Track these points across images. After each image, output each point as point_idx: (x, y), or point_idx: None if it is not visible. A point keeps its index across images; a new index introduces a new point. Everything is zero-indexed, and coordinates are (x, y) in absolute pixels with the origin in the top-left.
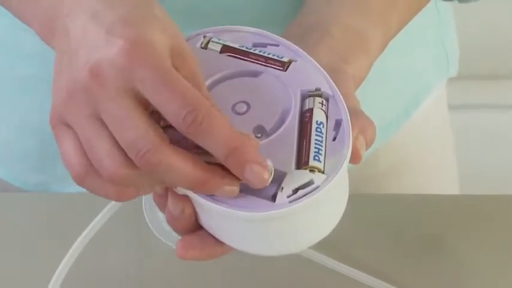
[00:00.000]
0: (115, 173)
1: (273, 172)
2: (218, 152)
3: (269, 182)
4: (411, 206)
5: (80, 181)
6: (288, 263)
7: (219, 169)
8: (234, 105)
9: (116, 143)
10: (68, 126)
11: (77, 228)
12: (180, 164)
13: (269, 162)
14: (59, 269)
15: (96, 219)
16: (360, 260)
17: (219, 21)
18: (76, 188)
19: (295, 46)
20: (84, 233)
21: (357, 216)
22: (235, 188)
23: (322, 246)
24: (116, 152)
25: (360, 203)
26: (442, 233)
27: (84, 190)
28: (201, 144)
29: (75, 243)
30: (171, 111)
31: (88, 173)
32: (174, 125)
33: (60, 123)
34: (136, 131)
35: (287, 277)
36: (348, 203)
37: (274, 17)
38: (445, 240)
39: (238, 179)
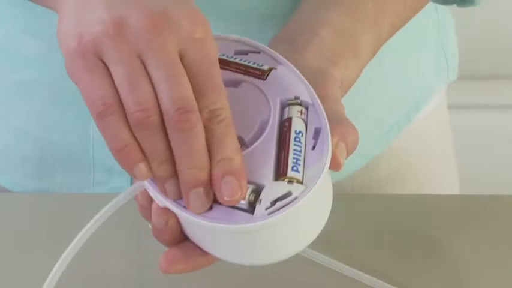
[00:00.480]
0: (147, 117)
1: (247, 197)
2: (223, 151)
3: (238, 202)
4: (411, 206)
5: (101, 116)
6: (287, 262)
7: None
8: None
9: (154, 92)
10: (101, 60)
11: (76, 230)
12: (201, 139)
13: (250, 187)
14: (54, 270)
15: (91, 221)
16: (360, 260)
17: (216, 19)
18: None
19: (276, 53)
20: (77, 237)
21: (357, 216)
22: (206, 199)
23: (321, 246)
24: (155, 99)
25: (359, 203)
26: (442, 233)
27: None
28: (210, 137)
29: (71, 245)
30: (203, 98)
31: (112, 109)
32: (200, 109)
33: (92, 54)
34: (186, 89)
35: (286, 277)
36: (347, 203)
37: (273, 16)
38: (445, 240)
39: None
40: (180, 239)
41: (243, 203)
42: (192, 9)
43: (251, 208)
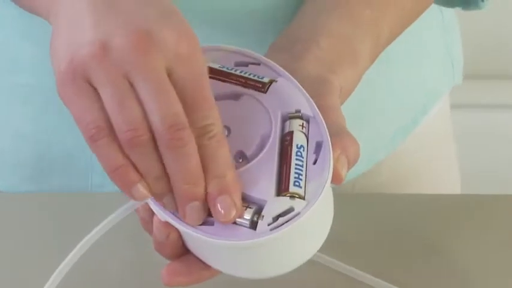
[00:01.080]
0: (138, 136)
1: (250, 217)
2: (215, 168)
3: (233, 220)
4: (413, 205)
5: (94, 139)
6: None
7: None
8: None
9: (144, 111)
10: (89, 83)
11: (76, 230)
12: (194, 156)
13: (253, 208)
14: (49, 281)
15: (89, 236)
16: (361, 260)
17: (218, 22)
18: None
19: (276, 65)
20: (74, 251)
21: (358, 215)
22: (202, 211)
23: (323, 245)
24: (144, 118)
25: (361, 202)
26: (443, 232)
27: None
28: (202, 153)
29: (66, 260)
30: (193, 114)
31: (104, 132)
32: (191, 126)
33: (81, 78)
34: (175, 106)
35: (287, 276)
36: (349, 203)
37: (275, 19)
38: (447, 239)
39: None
40: (182, 252)
41: (246, 222)
42: (177, 24)
43: (253, 224)
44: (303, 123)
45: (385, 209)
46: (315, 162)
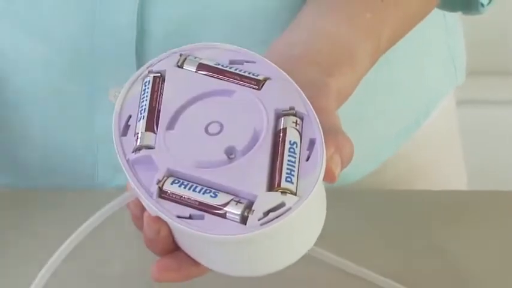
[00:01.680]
0: None
1: (241, 212)
2: None
3: None
4: (417, 202)
5: None
6: None
7: None
8: (207, 126)
9: None
10: None
11: (75, 228)
12: None
13: (243, 203)
14: (41, 272)
15: (78, 231)
16: (365, 257)
17: (221, 22)
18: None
19: (272, 63)
20: (62, 247)
21: (362, 212)
22: None
23: (323, 242)
24: None
25: (365, 199)
26: (448, 229)
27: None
28: None
29: (54, 256)
30: None
31: None
32: None
33: None
34: None
35: (288, 274)
36: (354, 199)
37: (279, 20)
38: (452, 236)
39: None
40: (173, 248)
41: (236, 216)
42: None
43: (243, 219)
44: (296, 121)
45: (389, 206)
46: (307, 159)
